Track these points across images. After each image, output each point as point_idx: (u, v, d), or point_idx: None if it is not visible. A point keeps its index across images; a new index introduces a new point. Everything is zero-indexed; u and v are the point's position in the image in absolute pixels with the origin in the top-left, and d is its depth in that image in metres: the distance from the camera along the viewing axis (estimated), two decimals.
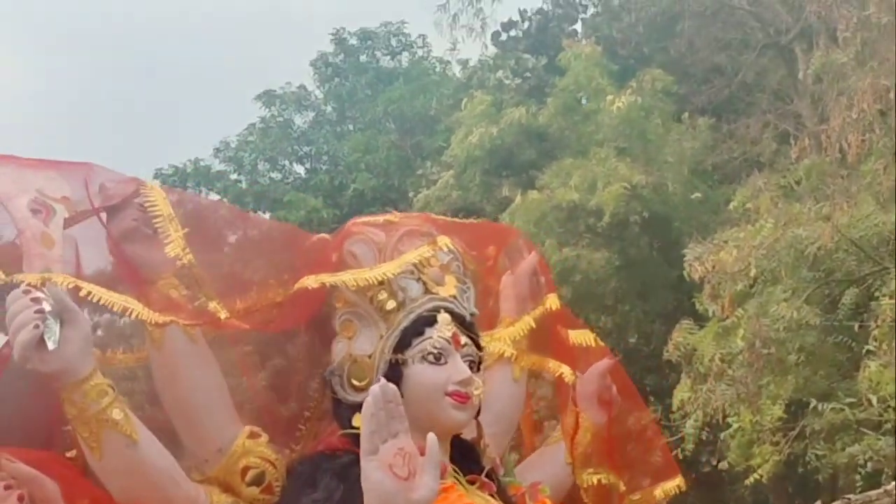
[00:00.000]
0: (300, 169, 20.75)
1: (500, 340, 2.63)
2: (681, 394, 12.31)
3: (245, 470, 2.19)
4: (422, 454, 2.03)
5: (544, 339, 2.72)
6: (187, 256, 2.16)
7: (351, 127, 20.35)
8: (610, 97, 15.73)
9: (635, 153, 15.53)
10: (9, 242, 2.10)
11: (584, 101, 16.97)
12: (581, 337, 2.79)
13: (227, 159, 20.60)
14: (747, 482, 12.31)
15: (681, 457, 11.24)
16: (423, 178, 17.31)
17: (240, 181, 20.32)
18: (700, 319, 12.70)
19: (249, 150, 20.38)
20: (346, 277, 2.24)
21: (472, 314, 2.41)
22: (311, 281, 2.19)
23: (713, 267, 11.72)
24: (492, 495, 2.34)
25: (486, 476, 2.36)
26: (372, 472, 1.98)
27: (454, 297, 2.37)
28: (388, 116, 20.08)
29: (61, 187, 2.20)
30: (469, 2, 18.98)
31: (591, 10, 20.29)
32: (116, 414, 1.99)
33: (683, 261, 12.36)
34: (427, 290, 2.33)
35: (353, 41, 22.45)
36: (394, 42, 22.88)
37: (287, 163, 20.73)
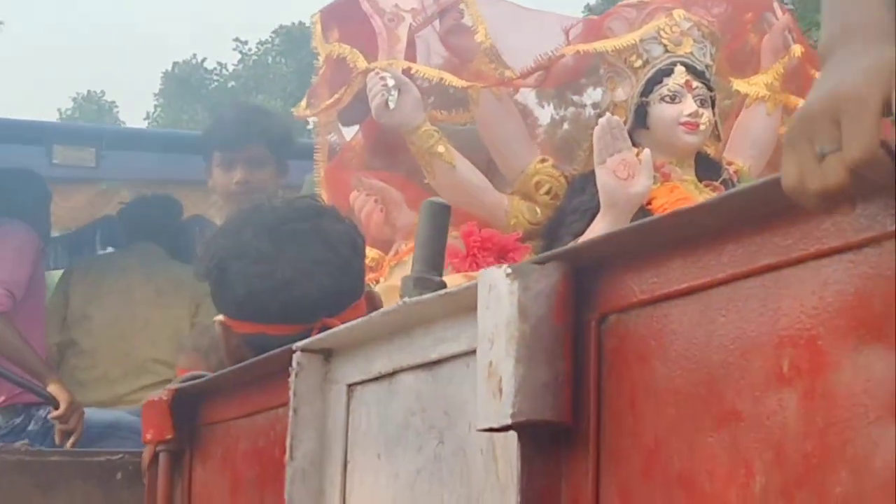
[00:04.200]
0: None
1: (756, 85, 3.32)
2: None
3: (538, 184, 3.13)
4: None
5: (800, 80, 3.40)
6: (488, 41, 3.15)
7: None
8: None
9: None
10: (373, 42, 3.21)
11: None
12: None
13: None
14: None
15: None
16: None
17: None
18: None
19: None
20: (597, 45, 3.10)
21: (707, 65, 3.19)
22: (568, 49, 3.10)
23: None
24: None
25: (722, 183, 3.19)
26: (601, 176, 2.90)
27: (690, 53, 3.15)
28: None
29: (411, 1, 3.28)
30: None
31: None
32: (440, 148, 3.04)
33: None
34: (667, 50, 3.14)
35: None
36: None
37: None
